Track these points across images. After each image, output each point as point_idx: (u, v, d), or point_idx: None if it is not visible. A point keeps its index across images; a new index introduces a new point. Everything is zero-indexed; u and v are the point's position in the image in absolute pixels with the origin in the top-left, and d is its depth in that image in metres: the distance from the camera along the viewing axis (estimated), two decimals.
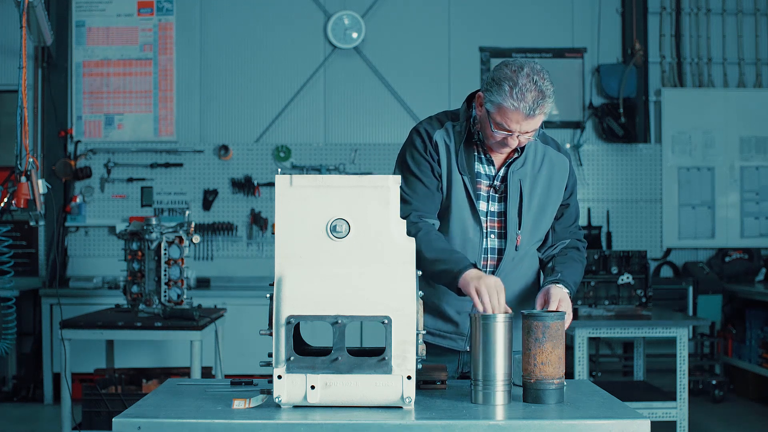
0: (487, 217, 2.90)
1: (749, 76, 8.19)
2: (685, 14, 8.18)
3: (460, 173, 2.86)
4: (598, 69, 8.00)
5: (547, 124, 2.90)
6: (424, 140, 2.89)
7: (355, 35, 7.93)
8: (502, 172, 2.91)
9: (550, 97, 2.73)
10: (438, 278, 2.76)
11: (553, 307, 2.72)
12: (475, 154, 2.91)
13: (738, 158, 8.08)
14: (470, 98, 2.92)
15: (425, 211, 2.84)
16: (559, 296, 2.76)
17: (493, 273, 2.86)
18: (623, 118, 7.88)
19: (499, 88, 2.71)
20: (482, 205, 2.89)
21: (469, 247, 2.87)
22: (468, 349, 2.88)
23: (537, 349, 2.43)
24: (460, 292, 2.68)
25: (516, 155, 2.90)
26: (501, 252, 2.90)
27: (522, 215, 2.90)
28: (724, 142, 8.07)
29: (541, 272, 3.00)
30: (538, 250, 3.01)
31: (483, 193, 2.90)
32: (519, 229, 2.89)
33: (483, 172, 2.91)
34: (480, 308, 2.56)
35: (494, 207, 2.91)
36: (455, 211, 2.87)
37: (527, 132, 2.76)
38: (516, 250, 2.90)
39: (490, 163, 2.91)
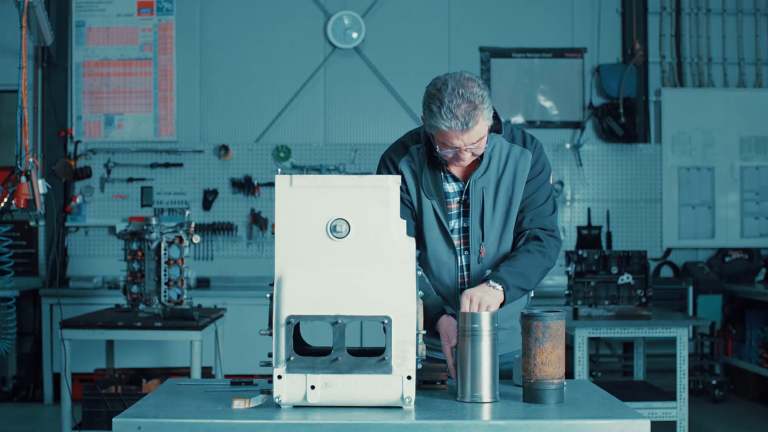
0: (459, 234, 2.87)
1: (749, 76, 8.19)
2: (685, 14, 8.18)
3: (428, 198, 2.84)
4: (598, 69, 8.00)
5: (547, 124, 2.91)
6: (389, 169, 2.90)
7: (355, 35, 7.93)
8: (461, 186, 2.87)
9: (483, 102, 2.66)
10: None
11: (466, 308, 2.60)
12: (441, 174, 2.87)
13: (738, 158, 8.08)
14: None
15: None
16: (473, 294, 2.64)
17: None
18: (623, 118, 7.88)
19: (429, 111, 2.71)
20: (453, 224, 2.86)
21: (444, 270, 2.88)
22: None
23: (537, 349, 2.43)
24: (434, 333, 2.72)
25: (478, 164, 2.83)
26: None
27: (484, 226, 2.84)
28: (724, 142, 8.07)
29: None
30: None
31: (454, 211, 2.87)
32: (482, 240, 2.84)
33: (451, 190, 2.87)
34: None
35: (463, 223, 2.88)
36: (428, 235, 2.86)
37: (473, 143, 2.70)
38: (479, 262, 2.85)
39: (457, 180, 2.87)
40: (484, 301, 2.63)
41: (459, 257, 2.87)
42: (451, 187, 2.88)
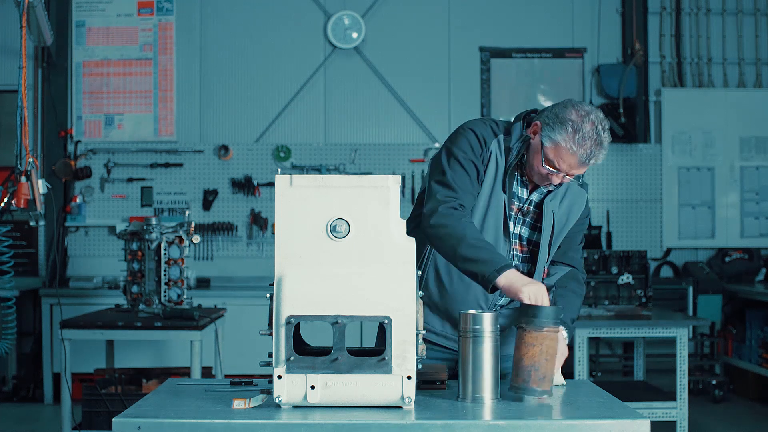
0: (517, 239, 2.89)
1: (749, 76, 8.19)
2: (685, 14, 8.18)
3: (504, 191, 2.83)
4: (598, 69, 8.00)
5: None
6: (481, 145, 2.83)
7: (355, 35, 7.93)
8: (534, 198, 2.89)
9: (606, 148, 2.74)
10: (474, 265, 2.64)
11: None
12: (516, 174, 2.88)
13: (738, 158, 8.08)
14: (524, 118, 2.87)
15: (467, 206, 2.79)
16: (562, 351, 2.73)
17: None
18: (623, 118, 7.87)
19: (562, 127, 2.69)
20: (511, 226, 2.87)
21: None
22: None
23: (528, 356, 2.42)
24: (489, 289, 2.63)
25: (553, 187, 2.87)
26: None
27: (552, 248, 2.90)
28: (724, 142, 8.07)
29: None
30: None
31: (513, 213, 2.89)
32: (547, 261, 2.91)
33: (517, 193, 2.89)
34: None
35: (520, 230, 2.90)
36: (489, 227, 2.84)
37: (575, 174, 2.77)
38: (542, 281, 2.88)
39: (525, 185, 2.89)
40: (564, 356, 2.74)
41: (512, 260, 2.87)
42: (518, 190, 2.90)
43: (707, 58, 8.17)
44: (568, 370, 4.40)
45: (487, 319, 2.44)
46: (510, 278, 2.59)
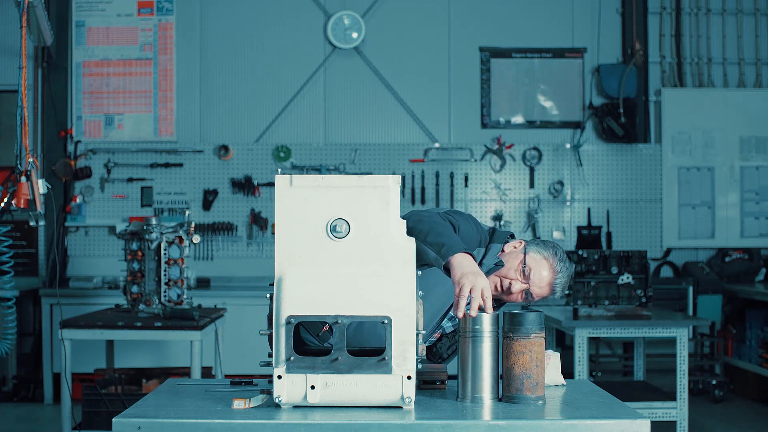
0: (440, 330, 3.01)
1: (749, 76, 8.19)
2: (685, 14, 8.18)
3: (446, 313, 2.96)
4: (598, 69, 8.00)
5: (547, 124, 2.94)
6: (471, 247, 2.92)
7: (355, 35, 7.93)
8: (446, 325, 3.03)
9: (555, 294, 2.99)
10: (443, 238, 2.63)
11: (462, 304, 2.54)
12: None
13: (738, 158, 8.08)
14: (504, 241, 3.00)
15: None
16: (470, 283, 2.60)
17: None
18: (623, 118, 7.87)
19: (550, 249, 2.96)
20: (443, 321, 3.00)
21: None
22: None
23: (519, 364, 2.42)
24: (445, 271, 2.61)
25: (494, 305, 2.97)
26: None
27: None
28: (724, 142, 8.07)
29: None
30: None
31: (451, 312, 2.98)
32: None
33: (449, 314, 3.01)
34: (463, 307, 2.47)
35: (446, 325, 3.04)
36: (429, 308, 2.84)
37: (534, 296, 2.95)
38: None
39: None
40: (478, 284, 2.53)
41: (448, 313, 2.97)
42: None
43: (707, 58, 8.17)
44: (568, 370, 4.41)
45: (487, 319, 2.44)
46: (465, 259, 2.55)
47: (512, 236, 3.05)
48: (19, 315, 5.72)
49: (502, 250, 2.97)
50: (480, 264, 2.87)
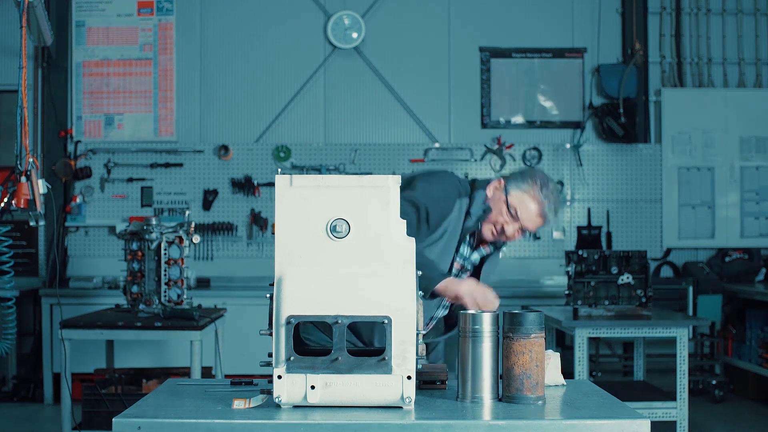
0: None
1: (749, 76, 8.19)
2: (685, 14, 8.18)
3: (456, 251, 3.06)
4: (598, 69, 8.00)
5: (547, 124, 2.98)
6: (448, 206, 3.01)
7: (355, 35, 7.93)
8: (474, 258, 3.15)
9: (555, 217, 3.10)
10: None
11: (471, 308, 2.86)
12: (468, 237, 3.11)
13: (738, 158, 8.08)
14: (484, 183, 3.08)
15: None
16: (465, 290, 2.93)
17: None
18: (623, 118, 7.87)
19: (530, 180, 2.99)
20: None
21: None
22: None
23: (519, 364, 2.42)
24: (431, 295, 2.89)
25: (491, 250, 3.14)
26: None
27: None
28: (724, 142, 8.07)
29: None
30: None
31: (454, 270, 3.12)
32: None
33: (463, 253, 3.13)
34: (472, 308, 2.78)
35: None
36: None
37: (526, 230, 3.03)
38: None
39: (470, 245, 3.14)
40: (481, 293, 2.91)
41: (442, 301, 3.09)
42: (464, 251, 3.13)
43: (707, 58, 8.17)
44: (567, 370, 4.40)
45: (487, 319, 2.44)
46: (446, 283, 2.89)
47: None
48: (19, 315, 5.71)
49: (487, 196, 3.04)
50: (467, 213, 3.02)
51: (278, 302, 2.31)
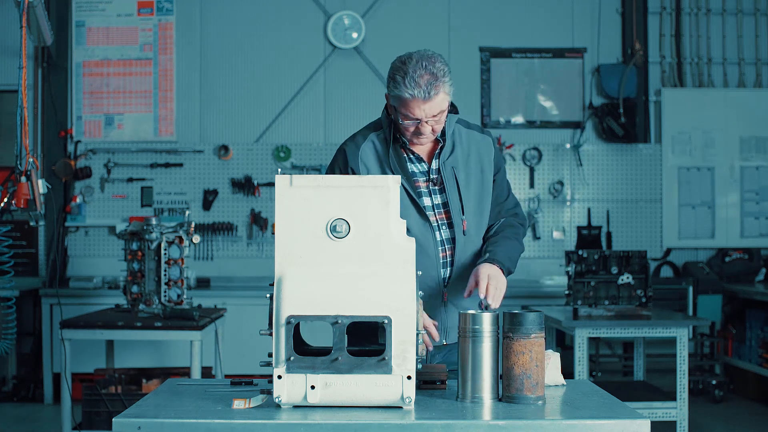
0: (434, 210, 2.99)
1: (749, 76, 8.19)
2: (685, 14, 8.18)
3: (404, 171, 2.96)
4: (598, 69, 8.00)
5: (547, 124, 2.97)
6: (347, 158, 2.98)
7: (355, 35, 7.93)
8: (435, 166, 3.01)
9: (444, 76, 2.94)
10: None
11: (483, 285, 2.78)
12: (405, 155, 3.02)
13: (738, 158, 8.08)
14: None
15: None
16: (488, 272, 2.83)
17: (451, 263, 2.96)
18: (623, 118, 7.88)
19: (394, 81, 2.92)
20: (426, 201, 2.99)
21: (425, 243, 2.92)
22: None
23: (519, 364, 2.42)
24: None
25: (441, 144, 3.00)
26: (454, 240, 2.98)
27: (462, 200, 2.99)
28: (724, 142, 8.07)
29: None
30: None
31: (423, 189, 2.99)
32: (463, 214, 2.98)
33: (417, 170, 3.01)
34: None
35: (438, 199, 3.00)
36: (403, 213, 2.91)
37: (434, 116, 2.91)
38: (464, 234, 2.98)
39: (420, 160, 3.02)
40: (500, 283, 2.82)
41: (437, 232, 2.97)
42: (416, 168, 3.02)
43: (707, 58, 8.17)
44: (567, 370, 4.41)
45: (487, 319, 2.44)
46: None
47: None
48: (19, 315, 5.72)
49: (386, 114, 3.05)
50: (385, 140, 3.00)
51: (278, 302, 2.31)
